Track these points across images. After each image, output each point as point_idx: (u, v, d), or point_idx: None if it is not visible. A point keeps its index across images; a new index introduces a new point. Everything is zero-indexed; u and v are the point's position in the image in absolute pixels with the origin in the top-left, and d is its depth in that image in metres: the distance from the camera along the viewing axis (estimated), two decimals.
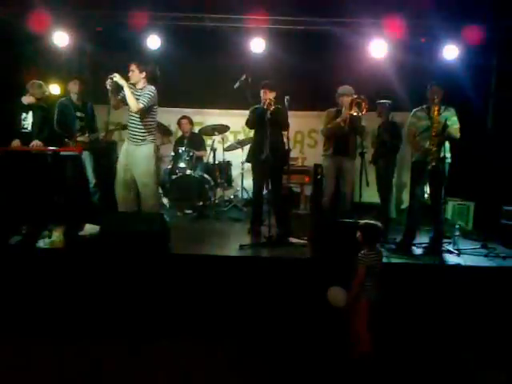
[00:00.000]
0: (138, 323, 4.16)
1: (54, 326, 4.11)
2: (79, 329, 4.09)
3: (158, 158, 7.08)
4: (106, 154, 6.43)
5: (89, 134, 6.05)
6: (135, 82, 5.10)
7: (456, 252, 5.10)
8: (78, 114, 6.05)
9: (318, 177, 6.75)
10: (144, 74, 5.12)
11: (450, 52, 6.55)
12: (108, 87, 4.91)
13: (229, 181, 7.51)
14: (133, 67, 5.09)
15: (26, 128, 5.81)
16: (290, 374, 3.61)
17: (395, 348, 3.91)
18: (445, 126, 4.99)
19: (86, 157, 6.04)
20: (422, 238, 5.44)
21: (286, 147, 5.52)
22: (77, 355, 3.73)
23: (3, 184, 5.20)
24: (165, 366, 3.65)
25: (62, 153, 5.61)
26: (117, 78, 4.86)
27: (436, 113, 5.06)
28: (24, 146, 5.65)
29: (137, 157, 5.13)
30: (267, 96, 5.37)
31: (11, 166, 5.32)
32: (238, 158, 7.36)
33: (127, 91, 4.91)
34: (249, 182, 7.18)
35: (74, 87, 6.07)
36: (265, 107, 5.26)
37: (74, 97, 6.09)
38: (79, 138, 5.96)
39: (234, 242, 5.18)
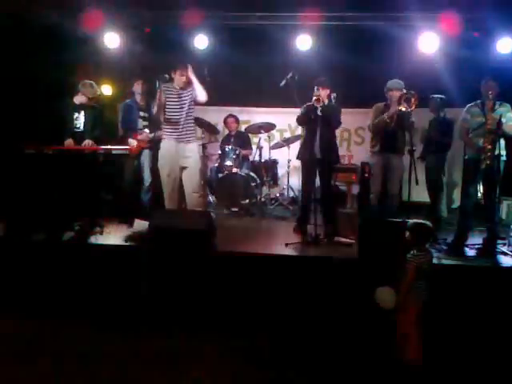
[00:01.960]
0: (183, 318, 4.21)
1: (103, 319, 4.23)
2: (127, 321, 4.19)
3: (205, 156, 7.18)
4: None
5: (151, 133, 6.09)
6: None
7: (511, 254, 4.90)
8: (142, 113, 6.15)
9: (366, 175, 6.63)
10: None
11: (505, 46, 6.27)
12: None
13: (275, 179, 7.52)
14: (189, 67, 5.17)
15: (79, 127, 5.96)
16: (332, 377, 3.57)
17: (445, 354, 3.78)
18: (500, 123, 4.80)
19: (146, 156, 6.13)
20: (475, 239, 5.24)
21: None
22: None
23: (57, 182, 5.39)
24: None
25: (116, 151, 5.72)
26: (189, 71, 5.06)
27: (490, 109, 4.88)
28: (76, 145, 5.81)
29: (188, 154, 5.24)
30: (319, 93, 5.29)
31: (64, 164, 5.50)
32: (284, 156, 7.34)
33: (196, 81, 5.09)
34: (295, 180, 7.18)
35: (138, 87, 6.18)
36: (314, 104, 5.20)
37: (138, 97, 6.20)
38: (139, 137, 6.05)
39: (280, 241, 5.16)
